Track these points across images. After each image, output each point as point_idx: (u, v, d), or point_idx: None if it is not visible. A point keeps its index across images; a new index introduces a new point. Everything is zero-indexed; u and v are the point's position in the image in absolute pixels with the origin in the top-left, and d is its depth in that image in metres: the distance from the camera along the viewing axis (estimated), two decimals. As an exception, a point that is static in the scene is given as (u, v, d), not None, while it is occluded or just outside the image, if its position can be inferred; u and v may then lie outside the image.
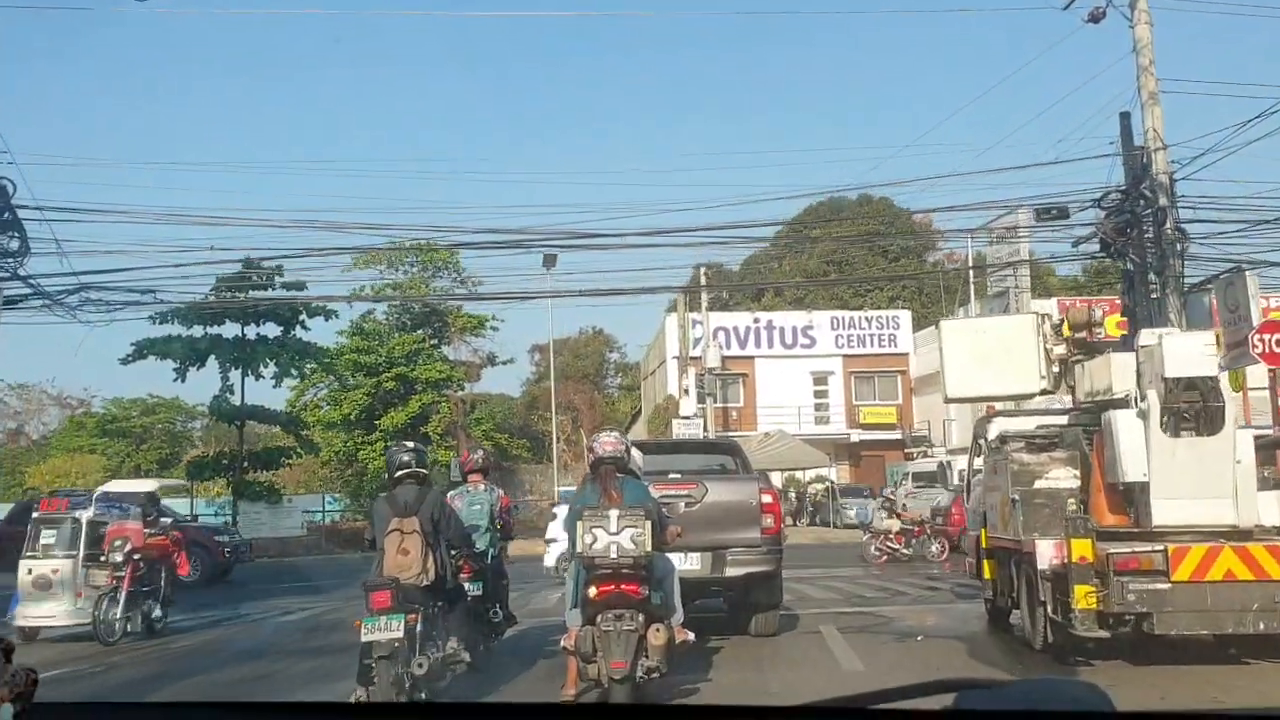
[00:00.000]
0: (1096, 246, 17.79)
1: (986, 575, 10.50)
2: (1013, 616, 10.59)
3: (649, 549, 6.26)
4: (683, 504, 8.41)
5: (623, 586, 6.26)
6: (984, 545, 10.48)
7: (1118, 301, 19.22)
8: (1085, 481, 8.98)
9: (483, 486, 8.83)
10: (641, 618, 6.22)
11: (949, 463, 14.16)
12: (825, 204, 48.63)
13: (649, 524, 6.28)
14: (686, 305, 38.81)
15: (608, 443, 6.86)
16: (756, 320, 42.69)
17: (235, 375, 31.02)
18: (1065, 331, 12.76)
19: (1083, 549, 7.74)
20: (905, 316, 43.13)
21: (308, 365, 32.96)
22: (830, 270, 50.41)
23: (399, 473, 7.13)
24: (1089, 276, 40.75)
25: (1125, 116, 17.70)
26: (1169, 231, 16.14)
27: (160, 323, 29.67)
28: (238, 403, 31.26)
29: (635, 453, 7.25)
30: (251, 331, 31.13)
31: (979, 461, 11.48)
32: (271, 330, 31.30)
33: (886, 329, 42.50)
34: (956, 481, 13.70)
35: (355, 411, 40.74)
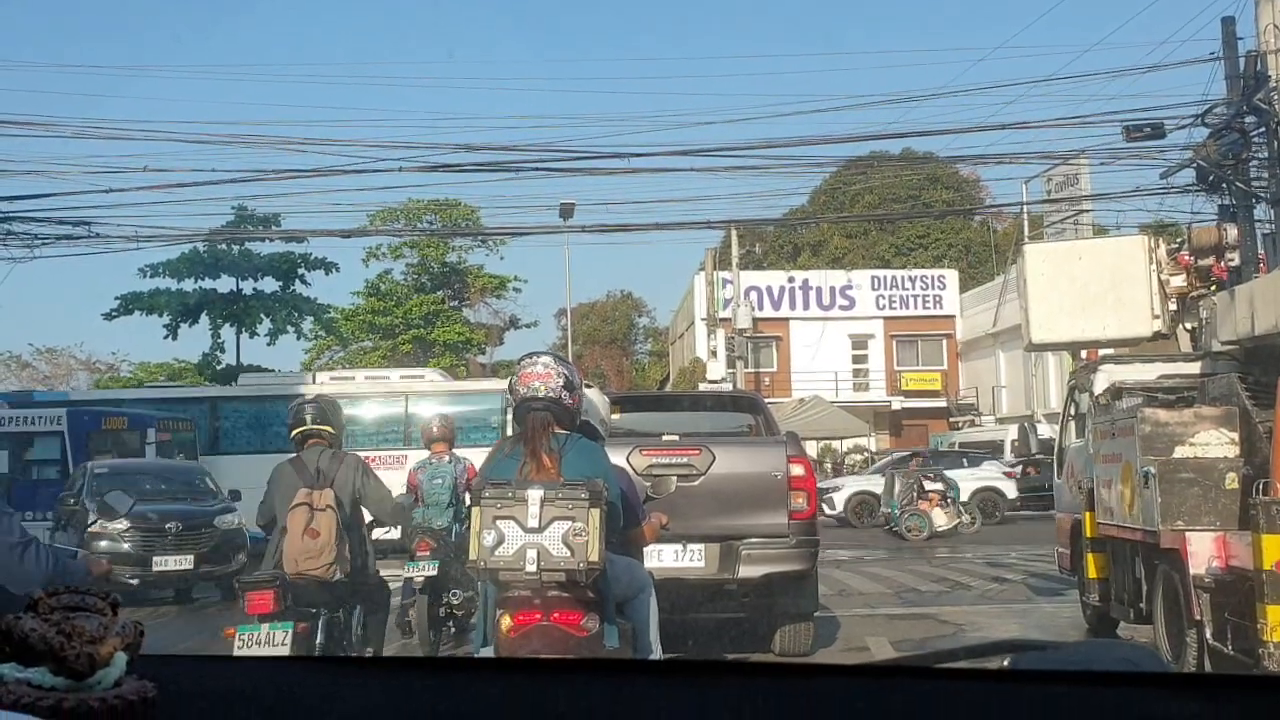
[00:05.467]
0: (1180, 180, 15.28)
1: (1091, 574, 7.89)
2: (1123, 628, 8.05)
3: (596, 555, 3.65)
4: (675, 478, 5.69)
5: (554, 617, 3.72)
6: (1089, 534, 7.87)
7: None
8: (1246, 449, 6.38)
9: (446, 458, 8.24)
10: None
11: (1032, 425, 11.48)
12: (865, 158, 45.87)
13: (596, 512, 3.64)
14: (716, 261, 36.23)
15: (534, 374, 4.00)
16: (791, 280, 39.86)
17: (230, 333, 29.16)
18: (1183, 260, 10.24)
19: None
20: (951, 276, 40.15)
21: (305, 322, 30.74)
22: (871, 228, 47.38)
23: (298, 431, 5.40)
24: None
25: (1229, 21, 15.44)
26: (1293, 150, 13.39)
27: (151, 275, 27.99)
28: (232, 361, 29.26)
29: (594, 394, 4.62)
30: (248, 286, 29.18)
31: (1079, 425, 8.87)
32: (270, 285, 29.36)
33: (931, 289, 39.59)
34: (1034, 451, 11.05)
35: (370, 376, 39.26)
